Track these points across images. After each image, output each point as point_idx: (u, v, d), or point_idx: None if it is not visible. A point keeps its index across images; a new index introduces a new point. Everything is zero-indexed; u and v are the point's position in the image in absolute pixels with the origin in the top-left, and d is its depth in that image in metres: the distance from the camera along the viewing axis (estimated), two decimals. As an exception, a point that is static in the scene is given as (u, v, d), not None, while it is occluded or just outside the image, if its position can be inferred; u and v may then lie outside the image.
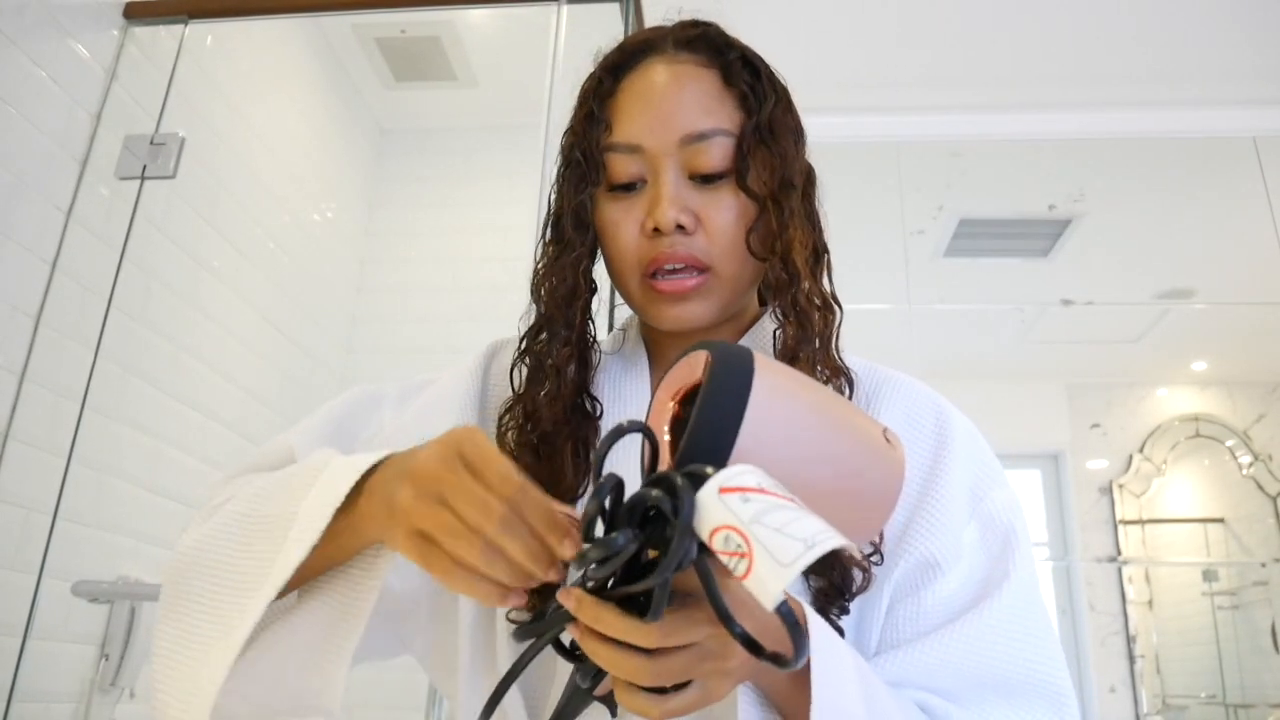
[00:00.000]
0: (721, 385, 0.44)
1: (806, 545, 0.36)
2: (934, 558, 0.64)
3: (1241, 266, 2.91)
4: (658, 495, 0.40)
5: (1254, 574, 3.06)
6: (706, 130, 0.67)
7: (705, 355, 0.46)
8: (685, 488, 0.39)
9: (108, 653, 1.63)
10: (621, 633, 0.43)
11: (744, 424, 0.43)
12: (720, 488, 0.39)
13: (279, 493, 0.59)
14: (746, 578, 0.37)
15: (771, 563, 0.36)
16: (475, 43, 2.48)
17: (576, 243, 0.70)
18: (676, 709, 0.47)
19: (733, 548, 0.37)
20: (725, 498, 0.38)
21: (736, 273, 0.68)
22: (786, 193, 0.67)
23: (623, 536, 0.41)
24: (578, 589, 0.45)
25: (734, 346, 0.47)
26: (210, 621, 0.57)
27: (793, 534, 0.37)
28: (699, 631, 0.44)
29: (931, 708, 0.60)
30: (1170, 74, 2.45)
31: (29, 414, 1.51)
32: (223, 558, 0.59)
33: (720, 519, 0.38)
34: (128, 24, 1.76)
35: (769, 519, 0.37)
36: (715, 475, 0.39)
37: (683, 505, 0.39)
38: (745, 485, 0.39)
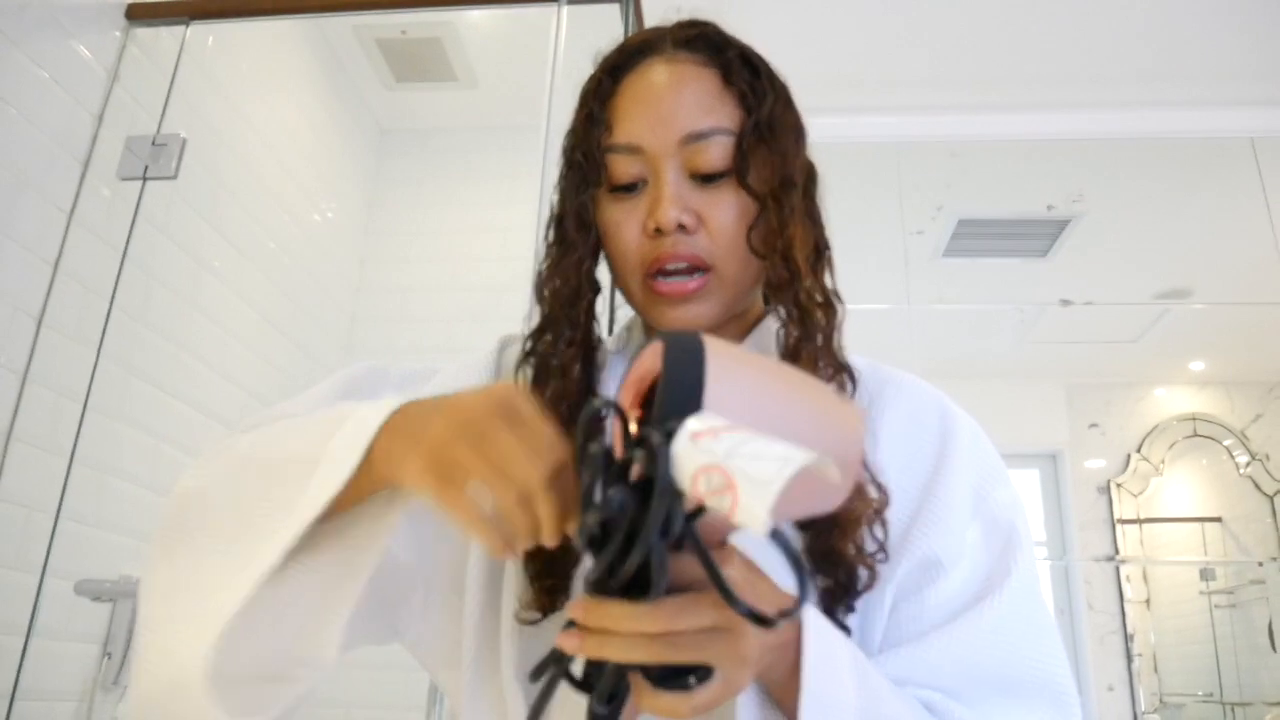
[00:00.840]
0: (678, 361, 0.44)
1: (783, 461, 0.37)
2: (937, 556, 0.64)
3: (1240, 266, 2.91)
4: (637, 456, 0.41)
5: (1251, 573, 3.07)
6: (706, 129, 0.67)
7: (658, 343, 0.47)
8: (661, 442, 0.40)
9: (110, 651, 1.64)
10: (627, 620, 0.43)
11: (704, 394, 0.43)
12: (692, 433, 0.40)
13: (296, 436, 0.58)
14: (734, 512, 0.37)
15: (753, 487, 0.37)
16: (475, 43, 2.48)
17: (579, 244, 0.70)
18: (703, 704, 0.46)
19: (716, 486, 0.38)
20: (699, 441, 0.39)
21: (738, 272, 0.69)
22: (787, 190, 0.67)
23: (616, 494, 0.41)
24: (581, 599, 0.44)
25: (683, 331, 0.47)
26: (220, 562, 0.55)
27: (768, 456, 0.38)
28: (706, 615, 0.44)
29: (935, 705, 0.60)
30: (1170, 74, 2.46)
31: (31, 414, 1.51)
32: (232, 498, 0.57)
33: (698, 461, 0.39)
34: (129, 25, 1.76)
35: (744, 450, 0.38)
36: (684, 424, 0.40)
37: (661, 456, 0.40)
38: (715, 426, 0.40)
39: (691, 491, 0.39)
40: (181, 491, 0.60)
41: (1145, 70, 2.46)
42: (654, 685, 0.46)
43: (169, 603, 0.56)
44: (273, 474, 0.56)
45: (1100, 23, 2.31)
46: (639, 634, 0.44)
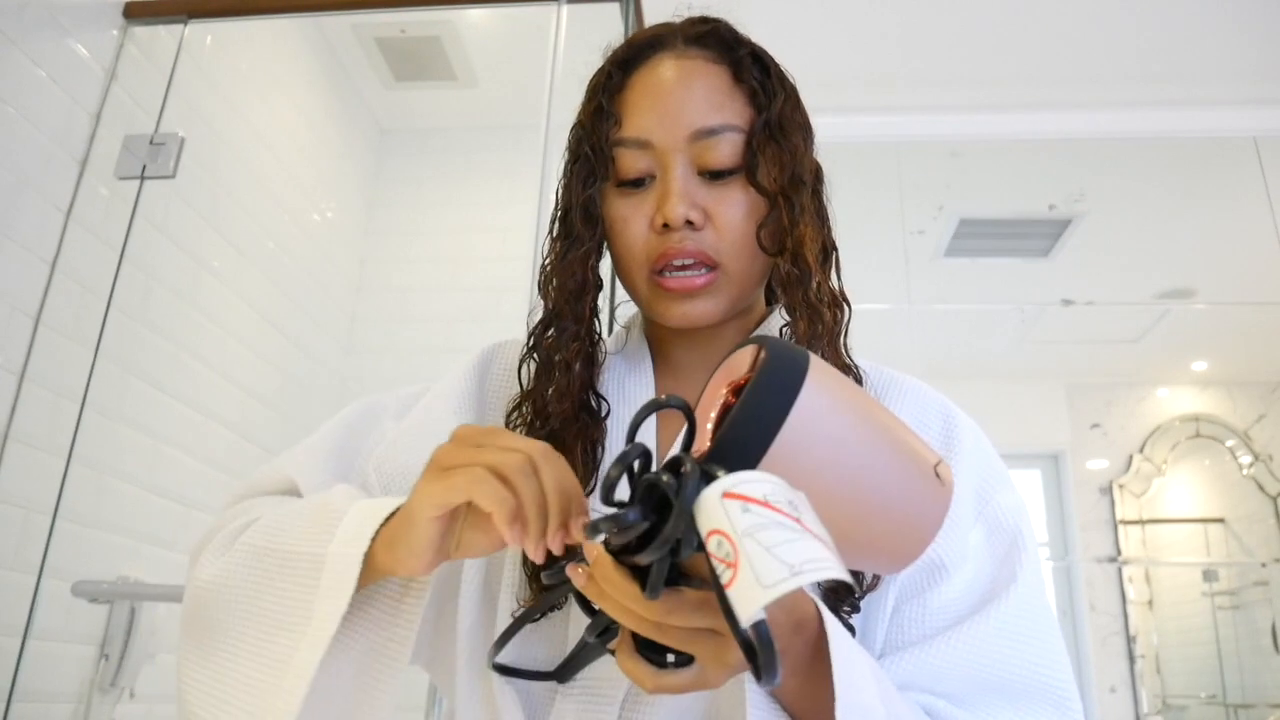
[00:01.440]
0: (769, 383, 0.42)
1: (792, 572, 0.35)
2: (940, 560, 0.64)
3: (1241, 266, 2.91)
4: (667, 479, 0.40)
5: (1254, 574, 3.06)
6: (716, 126, 0.67)
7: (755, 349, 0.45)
8: (693, 476, 0.39)
9: (108, 653, 1.63)
10: (624, 597, 0.44)
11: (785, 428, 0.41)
12: (724, 492, 0.38)
13: (296, 529, 0.60)
14: (730, 588, 0.36)
15: (753, 581, 0.35)
16: (475, 43, 2.48)
17: (585, 238, 0.69)
18: (670, 685, 0.47)
19: (723, 554, 0.37)
20: (726, 503, 0.37)
21: (745, 269, 0.68)
22: (797, 188, 0.67)
23: (633, 514, 0.41)
24: (599, 545, 0.45)
25: (791, 345, 0.45)
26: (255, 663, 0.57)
27: (781, 556, 0.35)
28: (701, 618, 0.44)
29: (937, 711, 0.59)
30: (1170, 74, 2.45)
31: (29, 414, 1.51)
32: (247, 594, 0.59)
33: (716, 522, 0.37)
34: (127, 24, 1.76)
35: (763, 535, 0.36)
36: (724, 477, 0.38)
37: (684, 492, 0.39)
38: (750, 495, 0.37)
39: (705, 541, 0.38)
40: (200, 584, 0.62)
41: (1146, 70, 2.45)
42: (637, 646, 0.47)
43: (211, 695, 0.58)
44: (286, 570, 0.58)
45: (1101, 23, 2.31)
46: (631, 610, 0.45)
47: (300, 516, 0.61)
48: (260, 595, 0.58)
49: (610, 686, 0.60)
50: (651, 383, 0.73)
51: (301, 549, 0.58)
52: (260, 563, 0.59)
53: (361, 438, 0.74)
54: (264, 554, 0.60)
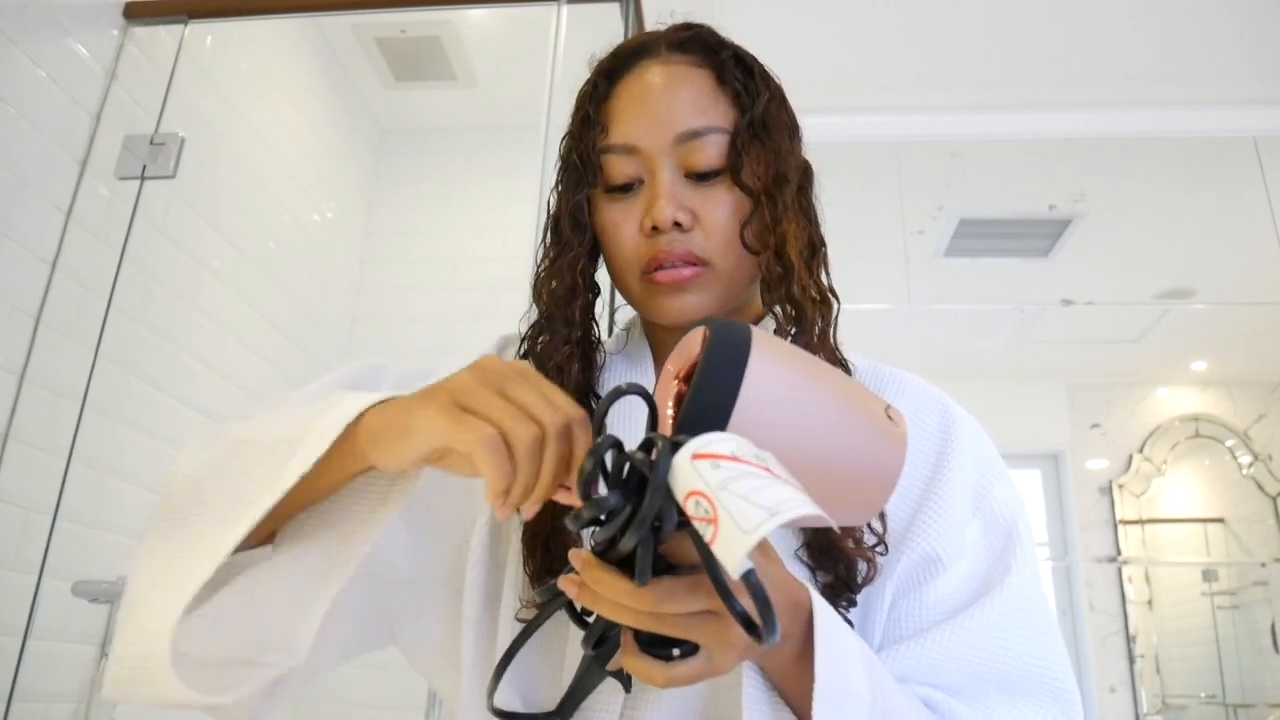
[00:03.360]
0: (718, 358, 0.44)
1: (769, 513, 0.36)
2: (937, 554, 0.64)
3: (1241, 266, 2.91)
4: (640, 457, 0.41)
5: (1254, 574, 3.06)
6: (701, 128, 0.68)
7: (703, 331, 0.47)
8: (663, 449, 0.40)
9: (108, 652, 1.63)
10: (616, 593, 0.44)
11: (740, 396, 0.43)
12: (693, 454, 0.39)
13: (285, 420, 0.58)
14: (714, 543, 0.37)
15: (735, 529, 0.36)
16: (475, 43, 2.48)
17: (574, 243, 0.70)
18: (680, 677, 0.47)
19: (701, 513, 0.38)
20: (697, 464, 0.39)
21: (733, 267, 0.69)
22: (780, 187, 0.68)
23: (613, 497, 0.41)
24: (584, 550, 0.45)
25: (732, 321, 0.47)
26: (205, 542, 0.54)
27: (758, 501, 0.37)
28: (696, 601, 0.44)
29: (936, 703, 0.60)
30: (1170, 74, 2.45)
31: (29, 414, 1.51)
32: (222, 481, 0.57)
33: (691, 484, 0.38)
34: (127, 24, 1.76)
35: (736, 485, 0.37)
36: (691, 441, 0.40)
37: (658, 465, 0.40)
38: (718, 452, 0.39)
39: (683, 507, 0.39)
40: (173, 476, 0.61)
41: (1146, 70, 2.45)
42: (639, 647, 0.47)
43: (152, 581, 0.56)
44: (259, 455, 0.57)
45: (1101, 23, 2.31)
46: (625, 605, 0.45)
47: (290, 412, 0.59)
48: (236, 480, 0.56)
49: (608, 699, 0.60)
50: (651, 380, 0.74)
51: (284, 434, 0.56)
52: (237, 454, 0.58)
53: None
54: (247, 443, 0.58)
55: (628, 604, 0.44)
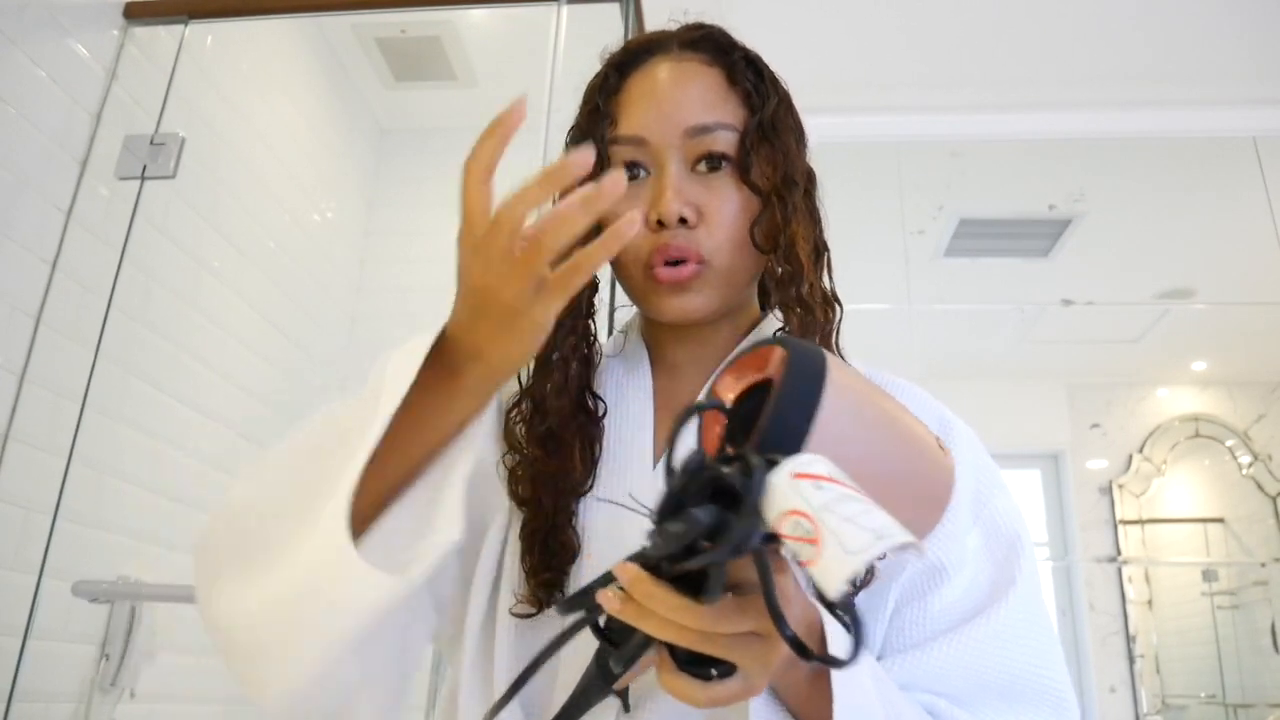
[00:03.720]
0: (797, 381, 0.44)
1: (875, 536, 0.36)
2: (940, 563, 0.65)
3: (1241, 266, 2.91)
4: (730, 472, 0.40)
5: (1254, 574, 3.06)
6: (710, 124, 0.68)
7: (780, 351, 0.47)
8: (760, 467, 0.39)
9: (108, 653, 1.63)
10: (674, 611, 0.43)
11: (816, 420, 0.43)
12: (793, 473, 0.39)
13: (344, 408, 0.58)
14: (813, 564, 0.37)
15: (840, 551, 0.36)
16: (475, 43, 2.48)
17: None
18: (720, 697, 0.47)
19: (801, 533, 0.37)
20: (798, 483, 0.38)
21: (734, 265, 0.69)
22: (789, 188, 0.68)
23: (706, 514, 0.40)
24: (633, 564, 0.44)
25: (809, 344, 0.47)
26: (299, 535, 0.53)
27: (863, 524, 0.37)
28: (747, 622, 0.44)
29: (938, 710, 0.60)
30: (1170, 74, 2.45)
31: (29, 414, 1.51)
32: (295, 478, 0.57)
33: (791, 503, 0.38)
34: (128, 24, 1.76)
35: (840, 508, 0.37)
36: (788, 460, 0.40)
37: (754, 484, 0.39)
38: (818, 473, 0.39)
39: (775, 526, 0.39)
40: (233, 501, 0.59)
41: (1146, 70, 2.45)
42: (677, 665, 0.47)
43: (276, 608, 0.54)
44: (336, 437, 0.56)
45: (1101, 23, 2.31)
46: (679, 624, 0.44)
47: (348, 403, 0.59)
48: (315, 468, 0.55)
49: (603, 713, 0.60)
50: (649, 383, 0.74)
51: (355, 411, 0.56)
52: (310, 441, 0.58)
53: None
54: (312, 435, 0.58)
55: (683, 622, 0.43)
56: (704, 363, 0.73)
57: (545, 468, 0.66)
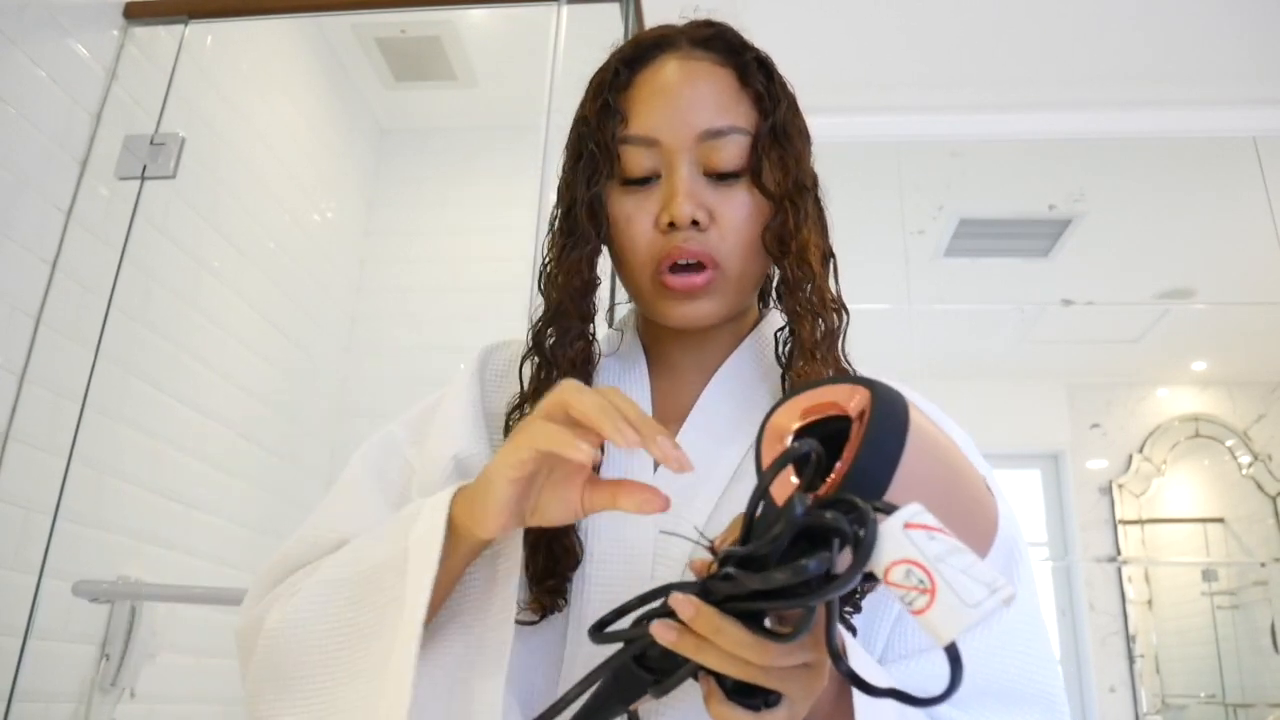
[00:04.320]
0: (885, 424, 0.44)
1: (990, 590, 0.37)
2: None
3: (1242, 266, 2.91)
4: (835, 518, 0.41)
5: (1254, 574, 3.06)
6: (724, 127, 0.67)
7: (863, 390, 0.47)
8: (873, 517, 0.40)
9: (108, 653, 1.63)
10: (743, 648, 0.43)
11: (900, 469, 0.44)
12: (906, 523, 0.39)
13: (371, 548, 0.59)
14: (924, 614, 0.38)
15: (957, 603, 0.37)
16: (475, 43, 2.48)
17: (590, 236, 0.69)
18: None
19: (914, 583, 0.38)
20: (910, 533, 0.39)
21: (745, 271, 0.69)
22: (800, 193, 0.68)
23: (815, 564, 0.40)
24: (693, 598, 0.44)
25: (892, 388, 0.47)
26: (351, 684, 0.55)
27: (976, 577, 0.38)
28: (803, 655, 0.45)
29: (937, 714, 0.61)
30: (1170, 74, 2.45)
31: (29, 414, 1.51)
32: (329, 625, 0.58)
33: (903, 553, 0.39)
34: (128, 24, 1.76)
35: (953, 560, 0.38)
36: (901, 509, 0.40)
37: (868, 534, 0.39)
38: (929, 524, 0.40)
39: (883, 574, 0.39)
40: (270, 630, 0.60)
41: (1146, 70, 2.45)
42: (725, 694, 0.47)
43: None
44: (371, 584, 0.57)
45: (1100, 23, 2.31)
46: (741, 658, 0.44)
47: (372, 538, 0.60)
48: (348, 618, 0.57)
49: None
50: (646, 386, 0.74)
51: (382, 558, 0.57)
52: (340, 591, 0.58)
53: (388, 477, 0.73)
54: (342, 583, 0.59)
55: (749, 658, 0.44)
56: (703, 365, 0.73)
57: None
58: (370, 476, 0.72)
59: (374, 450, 0.74)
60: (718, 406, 0.71)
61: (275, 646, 0.59)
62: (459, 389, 0.75)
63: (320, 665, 0.57)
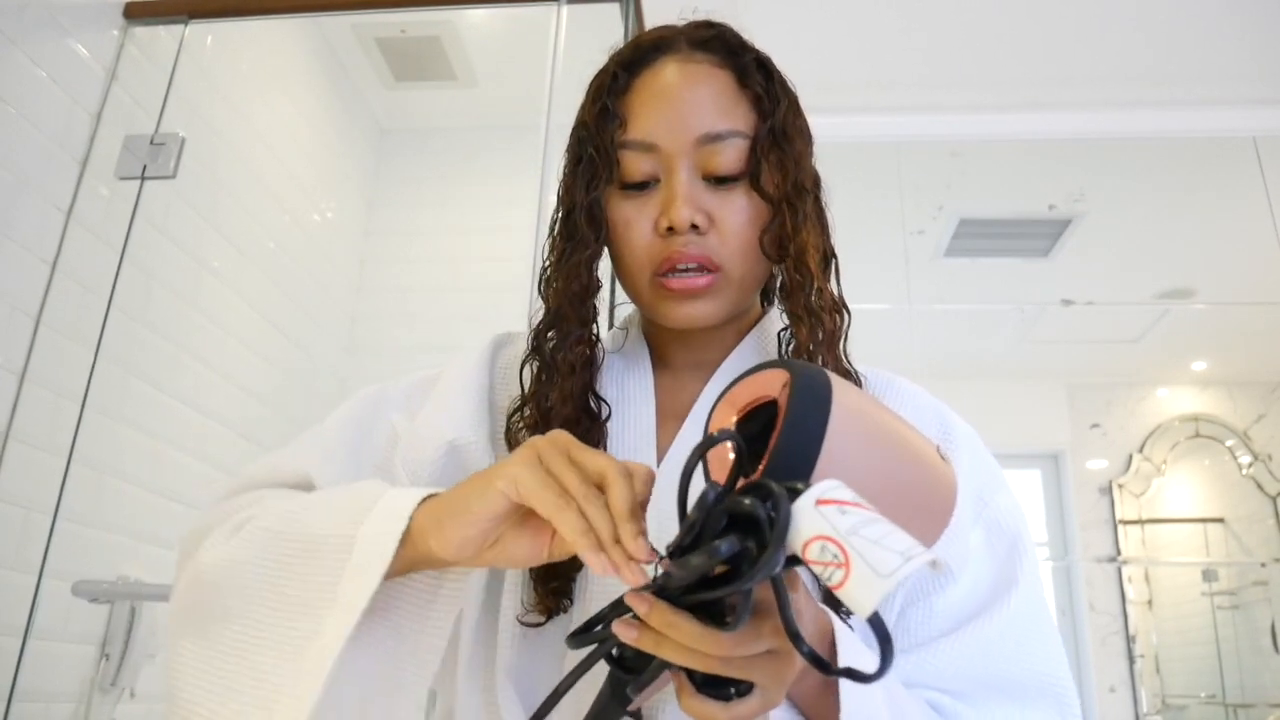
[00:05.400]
0: (804, 405, 0.45)
1: (904, 558, 0.37)
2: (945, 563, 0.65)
3: (1241, 266, 2.91)
4: (751, 503, 0.41)
5: (1254, 574, 3.06)
6: (722, 131, 0.67)
7: (784, 374, 0.47)
8: (783, 497, 0.40)
9: (108, 653, 1.63)
10: (695, 640, 0.44)
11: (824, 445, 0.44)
12: (817, 499, 0.40)
13: (320, 514, 0.58)
14: (841, 588, 0.38)
15: (870, 574, 0.37)
16: (475, 43, 2.48)
17: (589, 239, 0.69)
18: (742, 715, 0.47)
19: (829, 558, 0.38)
20: (822, 509, 0.39)
21: (746, 273, 0.69)
22: (800, 195, 0.68)
23: (727, 545, 0.40)
24: (648, 594, 0.44)
25: (812, 367, 0.48)
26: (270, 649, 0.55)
27: (890, 546, 0.38)
28: (764, 643, 0.45)
29: (943, 707, 0.61)
30: (1170, 74, 2.45)
31: (29, 414, 1.51)
32: (261, 578, 0.57)
33: (817, 529, 0.39)
34: (128, 24, 1.76)
35: (866, 531, 0.38)
36: (812, 487, 0.40)
37: (780, 514, 0.40)
38: (841, 498, 0.40)
39: (800, 552, 0.40)
40: (202, 565, 0.60)
41: (1146, 70, 2.45)
42: (696, 688, 0.47)
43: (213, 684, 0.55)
44: (310, 554, 0.56)
45: (1101, 23, 2.31)
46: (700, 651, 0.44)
47: (325, 503, 0.60)
48: (278, 579, 0.56)
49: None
50: (650, 384, 0.73)
51: (328, 532, 0.56)
52: (278, 545, 0.57)
53: (369, 434, 0.73)
54: (283, 538, 0.58)
55: (704, 649, 0.44)
56: (707, 365, 0.73)
57: None
58: (350, 427, 0.72)
59: (361, 405, 0.74)
60: None
61: (202, 582, 0.59)
62: (466, 370, 0.74)
63: (240, 615, 0.57)
